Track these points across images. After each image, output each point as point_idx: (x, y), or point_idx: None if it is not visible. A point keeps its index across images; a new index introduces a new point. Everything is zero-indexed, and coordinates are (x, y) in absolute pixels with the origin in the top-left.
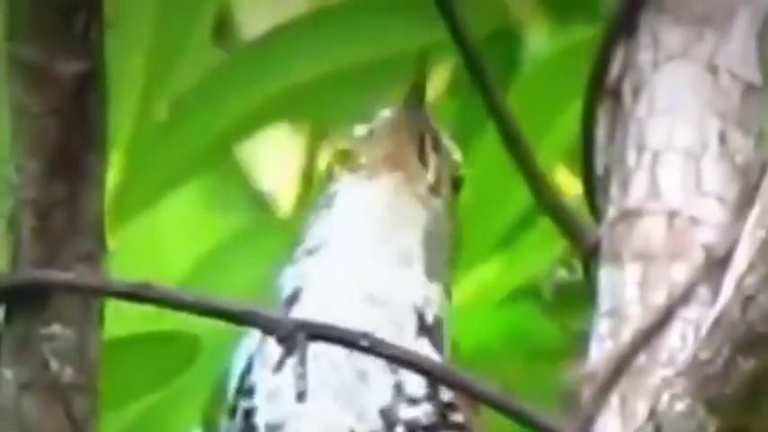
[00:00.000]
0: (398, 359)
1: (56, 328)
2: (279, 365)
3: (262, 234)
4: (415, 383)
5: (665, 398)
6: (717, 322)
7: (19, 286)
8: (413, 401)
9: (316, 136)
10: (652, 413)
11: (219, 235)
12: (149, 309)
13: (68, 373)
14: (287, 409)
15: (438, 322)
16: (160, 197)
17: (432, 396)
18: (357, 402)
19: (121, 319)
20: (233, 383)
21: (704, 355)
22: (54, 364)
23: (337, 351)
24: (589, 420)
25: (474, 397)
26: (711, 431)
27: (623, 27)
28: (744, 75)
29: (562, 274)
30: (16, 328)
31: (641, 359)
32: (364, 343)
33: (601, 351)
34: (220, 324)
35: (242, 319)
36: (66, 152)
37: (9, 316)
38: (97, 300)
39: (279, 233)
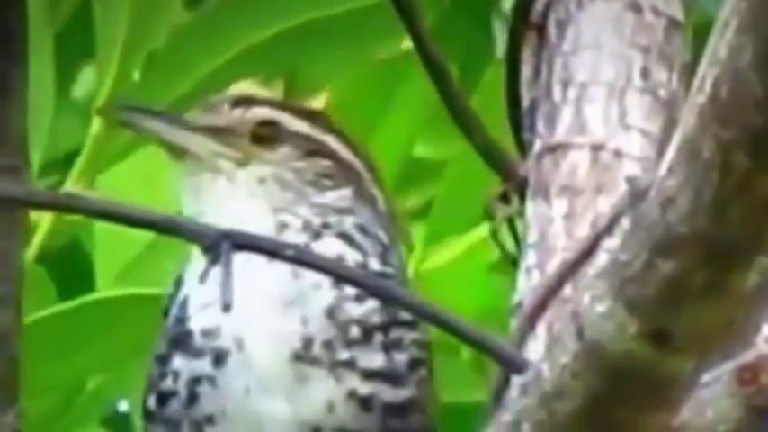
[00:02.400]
0: (324, 268)
1: None
2: (204, 275)
3: None
4: None
5: (585, 299)
6: (636, 224)
7: None
8: (358, 298)
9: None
10: (574, 314)
11: None
12: None
13: None
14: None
15: None
16: (135, 150)
17: None
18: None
19: None
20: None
21: (623, 257)
22: None
23: None
24: (517, 348)
25: (408, 308)
26: (632, 332)
27: None
28: (666, 11)
29: None
30: None
31: (567, 289)
32: (290, 252)
33: (528, 282)
34: None
35: (166, 228)
36: None
37: None
38: (21, 212)
39: None
